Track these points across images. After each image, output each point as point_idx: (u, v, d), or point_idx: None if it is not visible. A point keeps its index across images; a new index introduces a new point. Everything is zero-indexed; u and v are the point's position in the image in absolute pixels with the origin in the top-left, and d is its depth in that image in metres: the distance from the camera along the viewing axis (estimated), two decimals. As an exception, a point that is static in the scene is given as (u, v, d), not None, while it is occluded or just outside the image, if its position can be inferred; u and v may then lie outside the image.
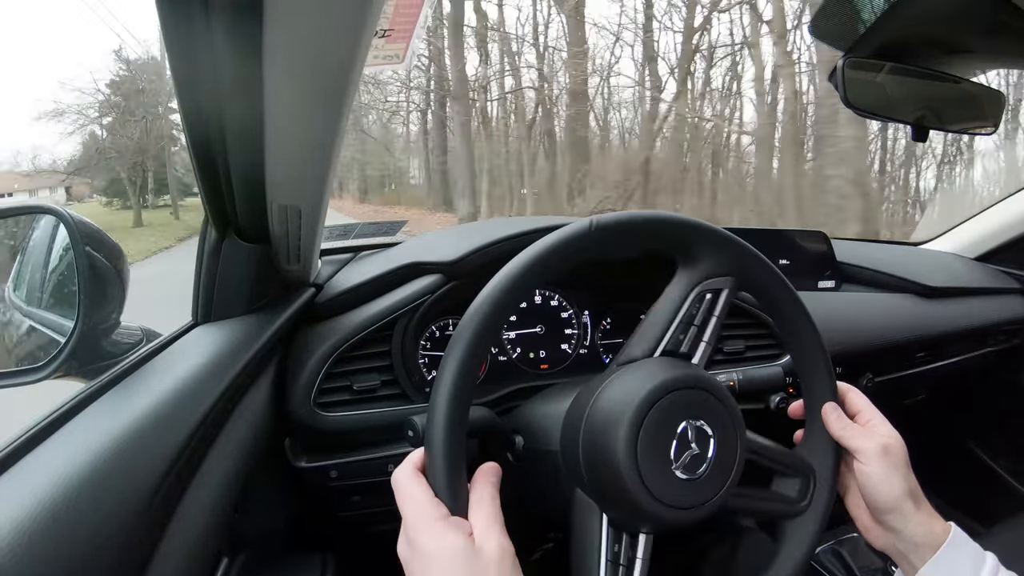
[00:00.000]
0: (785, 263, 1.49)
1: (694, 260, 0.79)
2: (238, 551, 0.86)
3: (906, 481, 0.76)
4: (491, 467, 0.67)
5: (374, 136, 23.66)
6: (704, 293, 0.78)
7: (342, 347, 1.00)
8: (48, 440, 0.62)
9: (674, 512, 0.68)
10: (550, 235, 0.72)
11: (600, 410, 0.71)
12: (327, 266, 1.20)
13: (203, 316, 0.92)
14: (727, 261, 0.79)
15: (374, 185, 27.04)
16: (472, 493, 0.64)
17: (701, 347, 0.77)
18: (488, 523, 0.61)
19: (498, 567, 0.58)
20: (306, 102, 0.62)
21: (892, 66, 0.97)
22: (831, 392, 0.82)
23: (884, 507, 0.76)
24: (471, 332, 0.66)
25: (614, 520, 0.71)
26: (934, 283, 1.54)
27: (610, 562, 0.68)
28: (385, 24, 0.70)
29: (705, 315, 0.78)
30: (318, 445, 1.01)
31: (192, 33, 0.55)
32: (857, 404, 0.82)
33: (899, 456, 0.77)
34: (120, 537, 0.56)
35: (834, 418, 0.80)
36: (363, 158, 25.17)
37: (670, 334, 0.77)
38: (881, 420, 0.80)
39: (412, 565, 0.60)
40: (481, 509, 0.62)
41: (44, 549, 0.49)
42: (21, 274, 0.99)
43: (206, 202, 0.81)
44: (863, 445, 0.77)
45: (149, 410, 0.68)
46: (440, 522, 0.60)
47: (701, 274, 0.79)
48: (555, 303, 1.22)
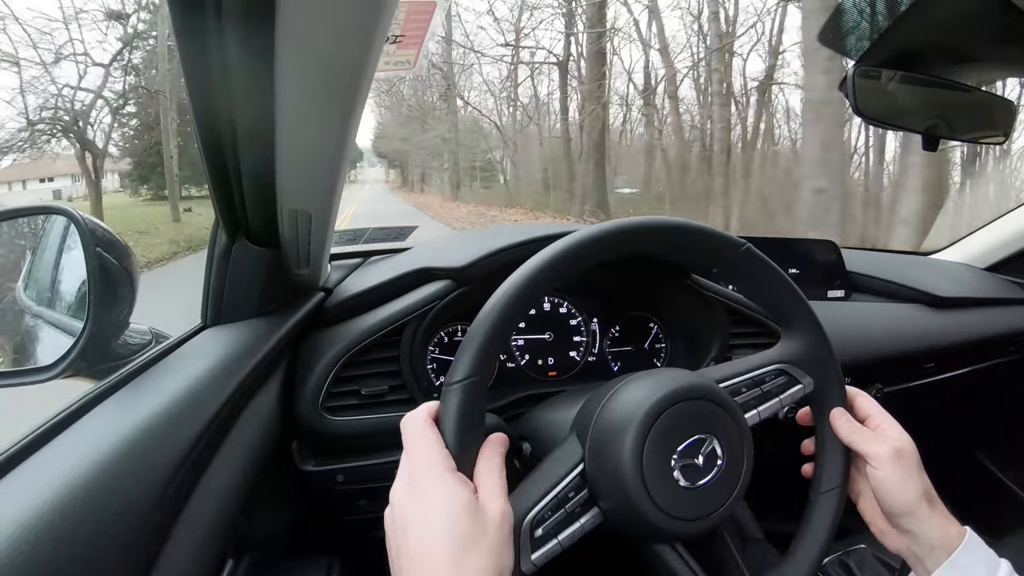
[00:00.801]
0: (795, 272, 1.49)
1: (792, 337, 0.82)
2: (243, 553, 0.86)
3: (920, 483, 0.75)
4: (500, 438, 0.66)
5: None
6: (785, 373, 0.80)
7: (351, 352, 1.00)
8: (56, 439, 0.62)
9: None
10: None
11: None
12: (336, 270, 1.21)
13: (212, 319, 0.92)
14: (815, 363, 0.81)
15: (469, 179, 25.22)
16: (481, 458, 0.63)
17: (753, 411, 0.77)
18: (494, 487, 0.61)
19: (498, 529, 0.58)
20: (317, 108, 0.62)
21: (902, 75, 0.97)
22: (840, 398, 0.81)
23: (899, 511, 0.75)
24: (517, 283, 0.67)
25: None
26: (944, 293, 1.53)
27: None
28: (396, 30, 0.70)
29: (772, 391, 0.79)
30: (325, 449, 1.01)
31: (205, 39, 0.55)
32: (866, 408, 0.81)
33: (912, 459, 0.76)
34: (126, 537, 0.57)
35: (843, 423, 0.79)
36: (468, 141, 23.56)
37: (738, 380, 0.78)
38: (892, 424, 0.79)
39: (409, 508, 0.59)
40: (490, 473, 0.62)
41: (49, 548, 0.50)
42: (32, 274, 0.99)
43: (217, 205, 0.81)
44: (875, 450, 0.76)
45: (157, 411, 0.68)
46: (449, 473, 0.60)
47: (792, 357, 0.81)
48: (564, 310, 1.22)
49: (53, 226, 0.93)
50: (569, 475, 0.69)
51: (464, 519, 0.57)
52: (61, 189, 25.57)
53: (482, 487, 0.61)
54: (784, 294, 0.81)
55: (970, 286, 1.63)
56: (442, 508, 0.57)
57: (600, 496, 0.69)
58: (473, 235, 1.31)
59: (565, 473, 0.69)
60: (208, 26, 0.54)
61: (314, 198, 0.80)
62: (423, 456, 0.61)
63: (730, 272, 0.80)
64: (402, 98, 29.29)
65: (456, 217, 18.32)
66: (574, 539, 0.68)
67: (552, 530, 0.67)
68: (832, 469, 0.79)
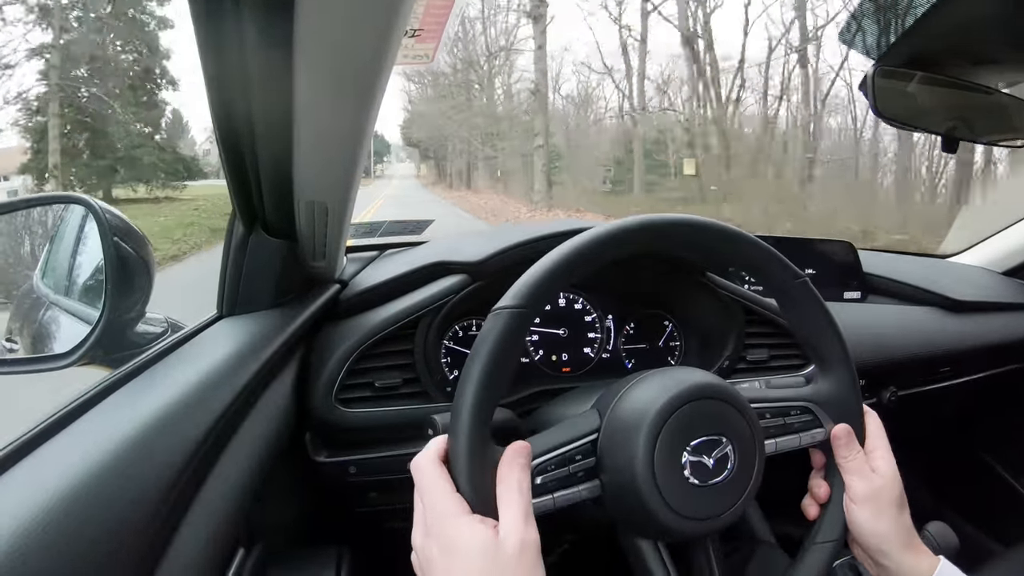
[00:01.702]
0: (811, 273, 1.48)
1: (826, 378, 0.82)
2: (255, 542, 0.86)
3: (893, 524, 0.75)
4: (521, 448, 0.65)
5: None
6: (811, 412, 0.80)
7: (365, 344, 1.00)
8: (71, 426, 0.63)
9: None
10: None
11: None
12: (352, 263, 1.21)
13: (228, 309, 0.93)
14: (843, 411, 0.80)
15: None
16: (499, 482, 0.62)
17: (772, 441, 0.77)
18: (514, 514, 0.60)
19: (518, 562, 0.58)
20: (335, 101, 0.62)
21: (923, 75, 0.96)
22: (857, 413, 0.81)
23: (868, 546, 0.76)
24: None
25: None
26: (961, 297, 1.52)
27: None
28: (415, 24, 0.70)
29: (795, 426, 0.79)
30: (338, 441, 1.01)
31: (223, 31, 0.56)
32: (868, 428, 0.81)
33: (889, 499, 0.76)
34: (138, 524, 0.57)
35: (843, 443, 0.78)
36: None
37: (764, 405, 0.78)
38: (883, 454, 0.79)
39: (430, 556, 0.60)
40: (508, 498, 0.61)
41: (64, 533, 0.50)
42: (50, 263, 1.00)
43: (234, 197, 0.82)
44: (855, 485, 0.76)
45: (172, 400, 0.68)
46: (463, 518, 0.59)
47: (822, 399, 0.80)
48: (579, 306, 1.22)
49: (71, 215, 0.94)
50: (582, 439, 0.70)
51: (483, 560, 0.57)
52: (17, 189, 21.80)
53: (502, 517, 0.60)
54: (828, 335, 0.81)
55: (988, 290, 1.62)
56: (460, 555, 0.58)
57: (604, 471, 0.70)
58: (489, 230, 1.31)
59: (579, 436, 0.70)
60: (227, 19, 0.55)
61: (331, 191, 0.80)
62: (436, 504, 0.61)
63: (780, 297, 0.81)
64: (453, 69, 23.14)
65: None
66: (568, 502, 0.68)
67: (551, 485, 0.67)
68: (834, 520, 0.78)
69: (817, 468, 0.83)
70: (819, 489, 0.80)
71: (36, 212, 0.99)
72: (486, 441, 0.64)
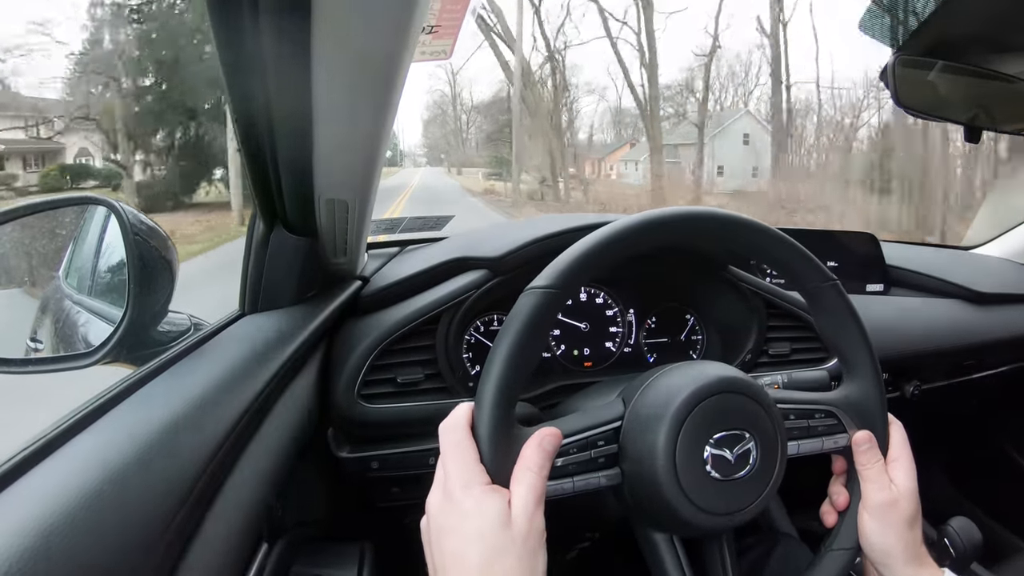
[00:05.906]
0: (833, 264, 1.47)
1: (853, 383, 0.81)
2: (277, 537, 0.87)
3: (900, 540, 0.74)
4: (552, 435, 0.65)
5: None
6: (836, 417, 0.79)
7: (387, 340, 1.00)
8: (96, 423, 0.63)
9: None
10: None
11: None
12: (373, 259, 1.22)
13: (250, 306, 0.94)
14: (868, 418, 0.79)
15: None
16: (520, 460, 0.63)
17: (795, 443, 0.76)
18: (526, 498, 0.60)
19: (521, 545, 0.58)
20: (354, 98, 0.63)
21: (944, 64, 0.95)
22: (881, 421, 0.79)
23: (873, 557, 0.75)
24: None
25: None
26: (985, 289, 1.50)
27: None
28: (432, 20, 0.71)
29: (819, 430, 0.78)
30: (360, 436, 1.02)
31: (242, 30, 0.56)
32: (892, 438, 0.80)
33: (902, 514, 0.75)
34: (162, 520, 0.58)
35: (863, 449, 0.77)
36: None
37: (789, 406, 0.77)
38: (904, 466, 0.78)
39: (444, 518, 0.61)
40: (525, 480, 0.61)
41: (88, 528, 0.51)
42: (73, 263, 1.01)
43: (255, 195, 0.82)
44: (871, 493, 0.75)
45: (195, 397, 0.69)
46: (481, 487, 0.60)
47: (848, 404, 0.79)
48: (600, 300, 1.22)
49: (94, 216, 0.95)
50: (606, 425, 0.71)
51: (494, 531, 0.58)
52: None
53: (514, 499, 0.61)
54: (856, 340, 0.80)
55: (1012, 282, 1.60)
56: (473, 520, 0.59)
57: (625, 459, 0.70)
58: (509, 225, 1.31)
59: (603, 422, 0.71)
60: (245, 18, 0.55)
61: (351, 188, 0.81)
62: (457, 469, 0.62)
63: (808, 297, 0.80)
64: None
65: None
66: (588, 487, 0.68)
67: (572, 468, 0.68)
68: (851, 528, 0.77)
69: (838, 474, 0.81)
70: (838, 497, 0.79)
71: (62, 213, 1.00)
72: (511, 418, 0.64)
